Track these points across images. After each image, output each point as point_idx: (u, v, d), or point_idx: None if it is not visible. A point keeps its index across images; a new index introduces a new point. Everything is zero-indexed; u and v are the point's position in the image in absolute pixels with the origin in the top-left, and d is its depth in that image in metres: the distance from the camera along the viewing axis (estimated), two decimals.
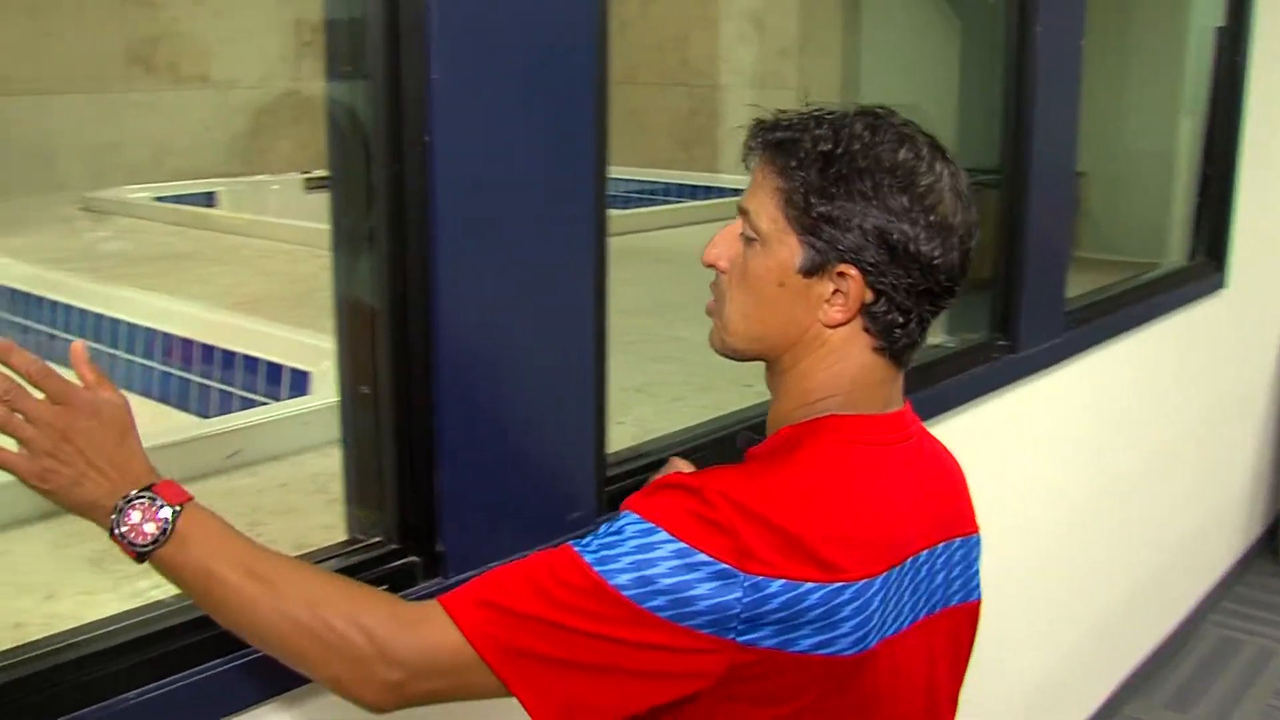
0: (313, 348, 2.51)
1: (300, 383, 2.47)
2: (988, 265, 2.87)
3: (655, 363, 2.52)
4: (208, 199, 5.64)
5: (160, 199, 5.42)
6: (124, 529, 1.17)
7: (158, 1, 5.84)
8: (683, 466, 1.66)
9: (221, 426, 2.17)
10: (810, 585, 1.18)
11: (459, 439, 1.54)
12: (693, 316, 3.33)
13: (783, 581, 1.17)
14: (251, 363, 2.60)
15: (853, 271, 1.25)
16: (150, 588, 1.56)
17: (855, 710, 1.26)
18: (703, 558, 1.16)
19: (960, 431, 2.66)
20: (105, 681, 1.31)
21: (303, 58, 6.49)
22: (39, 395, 1.16)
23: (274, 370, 2.54)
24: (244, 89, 6.25)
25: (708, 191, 5.86)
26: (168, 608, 1.37)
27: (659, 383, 2.42)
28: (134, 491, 1.17)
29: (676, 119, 6.69)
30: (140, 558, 1.18)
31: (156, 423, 2.73)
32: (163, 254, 4.25)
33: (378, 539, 1.58)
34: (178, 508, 1.18)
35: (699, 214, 5.29)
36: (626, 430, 2.12)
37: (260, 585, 1.18)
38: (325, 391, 2.29)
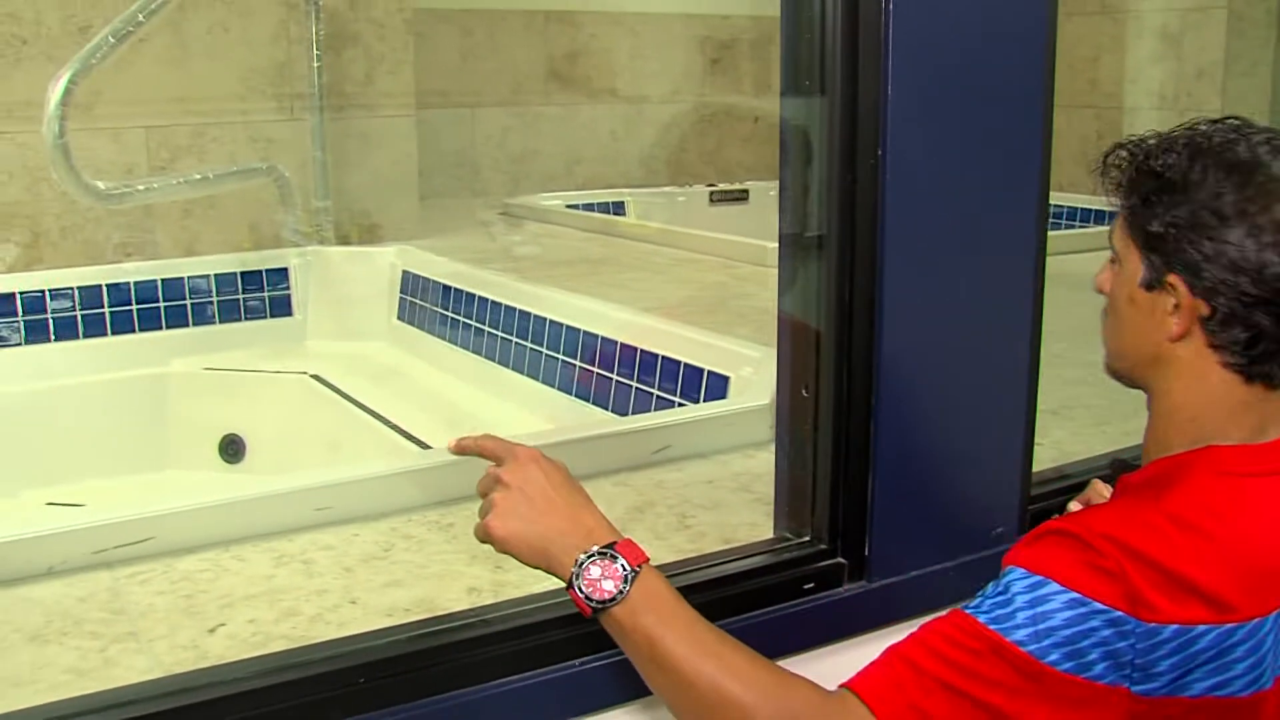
0: (732, 353, 2.58)
1: (719, 387, 2.55)
2: None
3: (1070, 386, 2.48)
4: (617, 208, 5.86)
5: (571, 206, 5.67)
6: (583, 583, 1.22)
7: (578, 20, 6.12)
8: (1103, 490, 1.65)
9: (653, 422, 2.27)
10: (1203, 628, 1.16)
11: (894, 445, 1.58)
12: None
13: (1175, 627, 1.16)
14: (672, 365, 2.71)
15: (1178, 281, 1.27)
16: None
17: None
18: (1097, 606, 1.16)
19: None
20: (539, 652, 1.42)
21: (709, 74, 6.68)
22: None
23: (694, 373, 2.63)
24: (652, 103, 6.47)
25: (1112, 217, 5.69)
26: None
27: (1075, 406, 2.38)
28: (595, 548, 1.23)
29: (1085, 142, 6.52)
30: (594, 614, 1.23)
31: (574, 418, 2.88)
32: (578, 258, 4.44)
33: (806, 538, 1.63)
34: (636, 569, 1.22)
35: (1100, 240, 5.16)
36: (1045, 452, 2.10)
37: (701, 662, 1.19)
38: (745, 395, 2.37)
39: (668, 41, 6.49)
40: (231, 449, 3.70)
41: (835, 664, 1.60)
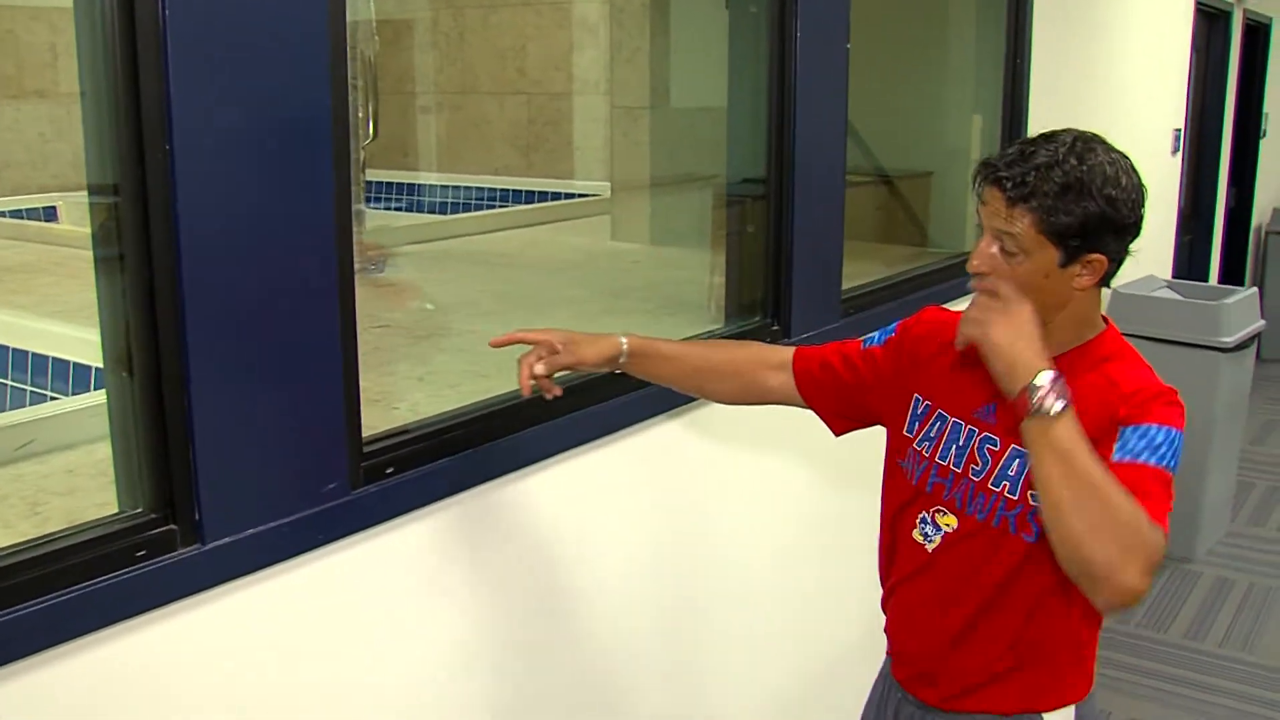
0: None
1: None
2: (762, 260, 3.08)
3: (443, 354, 2.71)
4: (49, 213, 5.70)
5: None
6: (1037, 395, 1.73)
7: None
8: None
9: (13, 419, 2.30)
10: None
11: (214, 419, 1.72)
12: (490, 312, 3.51)
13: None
14: (41, 361, 2.75)
15: (1096, 256, 1.85)
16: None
17: None
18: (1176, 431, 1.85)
19: (717, 413, 2.87)
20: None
21: None
22: None
23: (82, 370, 2.68)
24: None
25: (542, 196, 6.07)
26: None
27: (440, 372, 2.60)
28: (1052, 373, 1.75)
29: (517, 126, 6.88)
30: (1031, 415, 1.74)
31: None
32: None
33: (139, 510, 1.74)
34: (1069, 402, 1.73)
35: (529, 217, 5.52)
36: (401, 414, 2.31)
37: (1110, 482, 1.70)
38: None
39: None
40: None
41: (175, 625, 1.73)
